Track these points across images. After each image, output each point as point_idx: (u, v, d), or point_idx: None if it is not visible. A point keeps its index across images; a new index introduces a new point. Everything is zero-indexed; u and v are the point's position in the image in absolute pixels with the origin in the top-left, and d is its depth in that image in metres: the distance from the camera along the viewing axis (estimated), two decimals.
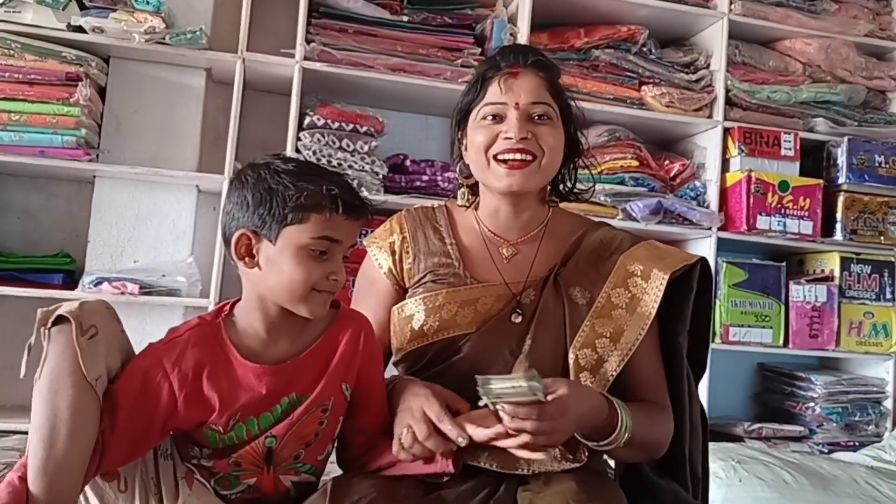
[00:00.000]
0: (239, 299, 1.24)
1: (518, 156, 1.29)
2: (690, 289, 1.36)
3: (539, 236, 1.38)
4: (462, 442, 1.10)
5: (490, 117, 1.32)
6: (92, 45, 2.65)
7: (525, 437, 1.08)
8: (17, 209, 2.88)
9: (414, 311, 1.32)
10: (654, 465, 1.36)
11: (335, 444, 1.29)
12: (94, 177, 2.75)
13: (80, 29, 2.61)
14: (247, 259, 1.17)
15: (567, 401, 1.10)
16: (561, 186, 1.44)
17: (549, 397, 1.08)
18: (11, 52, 2.57)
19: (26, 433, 2.46)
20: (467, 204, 1.43)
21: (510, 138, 1.29)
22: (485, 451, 1.22)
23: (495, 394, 1.07)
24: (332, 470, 1.52)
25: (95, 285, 2.57)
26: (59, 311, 1.09)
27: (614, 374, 1.26)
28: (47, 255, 2.75)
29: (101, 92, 2.74)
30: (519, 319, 1.30)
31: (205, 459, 1.19)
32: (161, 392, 1.14)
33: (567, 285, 1.32)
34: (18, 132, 2.54)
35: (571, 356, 1.27)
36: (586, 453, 1.24)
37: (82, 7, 2.64)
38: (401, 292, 1.39)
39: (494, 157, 1.31)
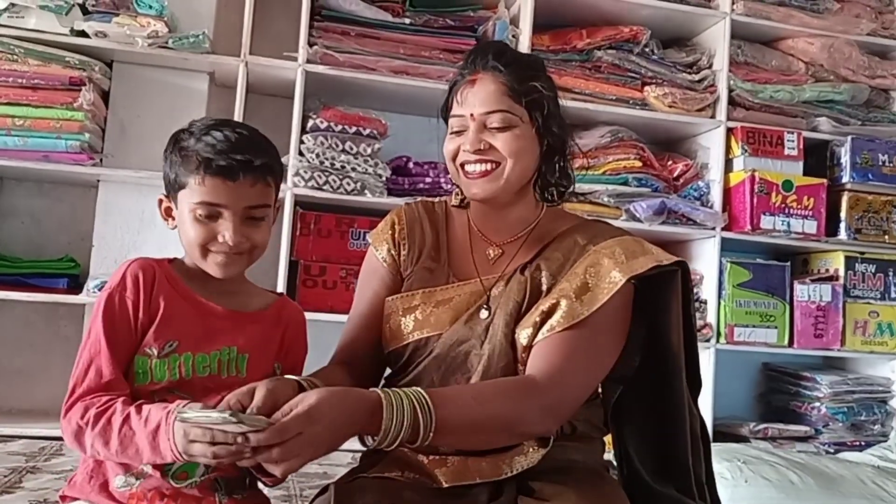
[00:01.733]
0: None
1: (478, 167, 1.30)
2: (677, 296, 1.29)
3: (525, 237, 1.37)
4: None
5: (455, 131, 1.33)
6: (95, 50, 2.66)
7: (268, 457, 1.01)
8: (21, 213, 2.89)
9: (391, 311, 1.33)
10: (654, 474, 1.35)
11: None
12: (98, 181, 2.76)
13: (83, 34, 2.62)
14: (169, 220, 1.26)
15: (311, 414, 1.01)
16: (545, 187, 1.37)
17: (285, 417, 1.00)
18: (15, 56, 2.58)
19: (31, 438, 2.47)
20: (460, 204, 1.44)
21: (467, 150, 1.30)
22: (478, 465, 1.21)
23: (193, 421, 1.02)
24: (336, 472, 1.51)
25: (100, 289, 2.57)
26: None
27: (538, 339, 1.22)
28: (52, 259, 2.76)
29: (105, 96, 2.75)
30: (485, 315, 1.29)
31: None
32: (126, 308, 1.18)
33: (535, 272, 1.30)
34: (23, 137, 2.55)
35: (517, 336, 1.25)
36: (553, 435, 1.22)
37: (85, 12, 2.65)
38: (400, 281, 1.39)
39: (461, 166, 1.32)
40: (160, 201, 1.27)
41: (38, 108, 2.56)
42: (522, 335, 1.24)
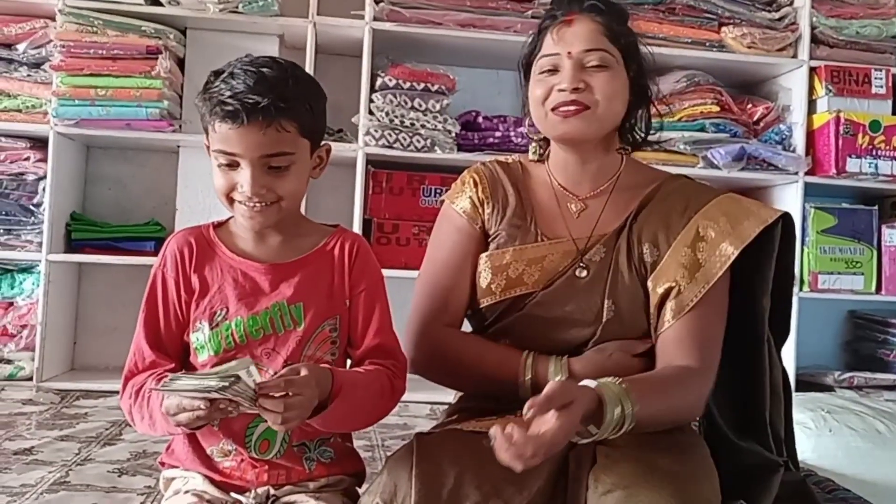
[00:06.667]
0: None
1: (571, 107, 1.28)
2: (773, 247, 1.30)
3: (609, 190, 1.35)
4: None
5: (546, 70, 1.30)
6: (169, 18, 2.73)
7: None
8: (108, 180, 3.01)
9: (481, 269, 1.33)
10: (734, 428, 1.34)
11: None
12: (179, 146, 2.84)
13: (157, 2, 2.69)
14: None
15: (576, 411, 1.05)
16: (629, 134, 1.39)
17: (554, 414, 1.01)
18: (95, 28, 2.66)
19: None
20: (538, 157, 1.42)
21: (563, 90, 1.27)
22: None
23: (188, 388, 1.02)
24: (416, 423, 1.55)
25: None
26: None
27: (665, 326, 1.26)
28: (138, 223, 2.88)
29: (181, 63, 2.82)
30: (584, 274, 1.29)
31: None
32: (167, 286, 1.20)
33: (638, 244, 1.30)
34: (106, 107, 2.64)
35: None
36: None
37: None
38: (484, 237, 1.38)
39: (551, 109, 1.29)
40: (206, 147, 1.20)
41: (118, 77, 2.65)
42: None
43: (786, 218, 1.32)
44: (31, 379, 2.64)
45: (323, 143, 1.24)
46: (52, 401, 2.46)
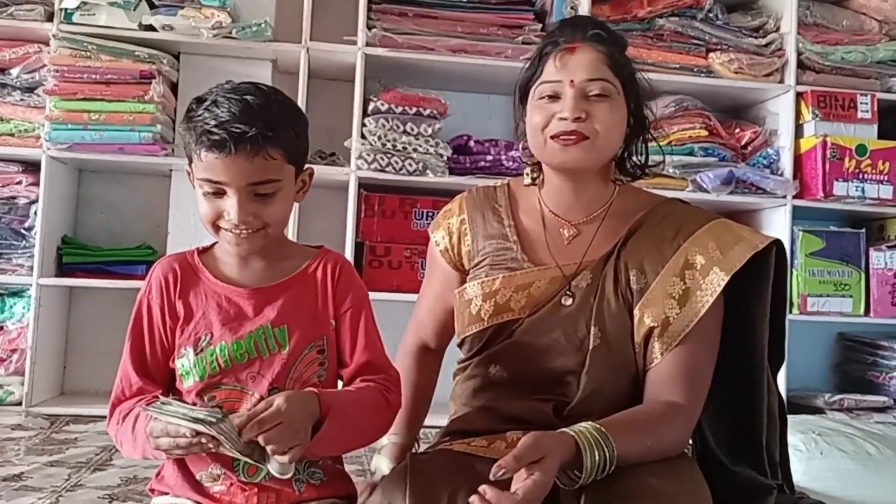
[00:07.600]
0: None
1: (572, 137, 1.27)
2: (769, 273, 1.30)
3: (601, 216, 1.34)
4: None
5: (546, 97, 1.30)
6: (163, 43, 2.75)
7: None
8: (100, 204, 3.01)
9: (472, 296, 1.34)
10: (729, 453, 1.33)
11: None
12: (171, 170, 2.85)
13: (150, 28, 2.71)
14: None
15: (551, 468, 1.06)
16: (627, 163, 1.39)
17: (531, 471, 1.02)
18: (88, 53, 2.68)
19: None
20: (532, 182, 1.41)
21: (564, 118, 1.26)
22: None
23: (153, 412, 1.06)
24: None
25: None
26: None
27: (655, 361, 1.25)
28: (130, 247, 2.88)
29: (174, 87, 2.83)
30: (569, 302, 1.28)
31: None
32: (152, 313, 1.21)
33: (625, 271, 1.29)
34: (99, 131, 2.66)
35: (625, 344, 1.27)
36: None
37: (152, 6, 2.73)
38: (459, 273, 1.40)
39: (551, 137, 1.29)
40: (188, 173, 1.21)
41: (111, 102, 2.66)
42: (637, 346, 1.27)
43: (777, 244, 1.31)
44: (20, 404, 2.63)
45: (306, 167, 1.25)
46: (41, 426, 2.44)
